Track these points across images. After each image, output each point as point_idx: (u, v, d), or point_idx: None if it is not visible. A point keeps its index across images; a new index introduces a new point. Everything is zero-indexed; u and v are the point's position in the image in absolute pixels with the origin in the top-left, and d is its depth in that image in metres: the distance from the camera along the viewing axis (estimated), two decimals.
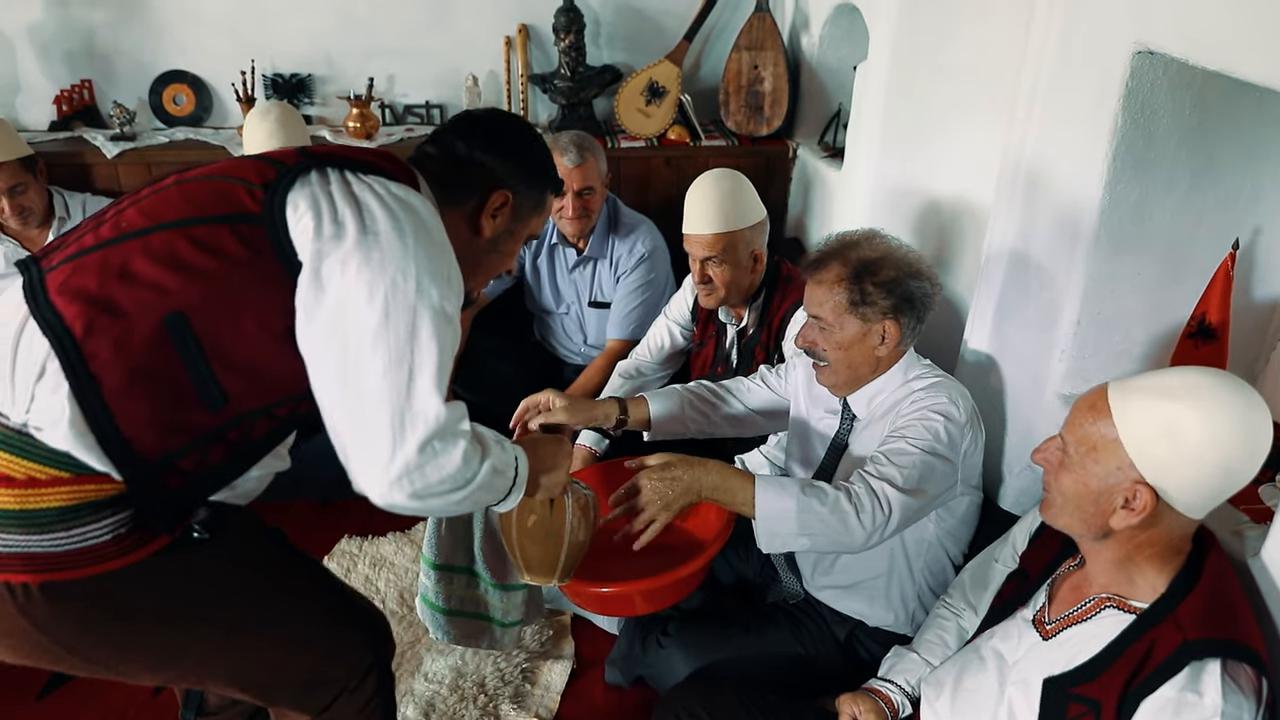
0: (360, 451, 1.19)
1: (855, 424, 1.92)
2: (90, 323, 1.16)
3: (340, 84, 3.46)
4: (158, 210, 1.25)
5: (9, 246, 2.83)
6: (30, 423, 1.16)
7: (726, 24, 3.45)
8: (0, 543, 1.16)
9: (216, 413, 1.22)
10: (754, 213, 2.33)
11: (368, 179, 1.29)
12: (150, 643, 1.31)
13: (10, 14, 3.25)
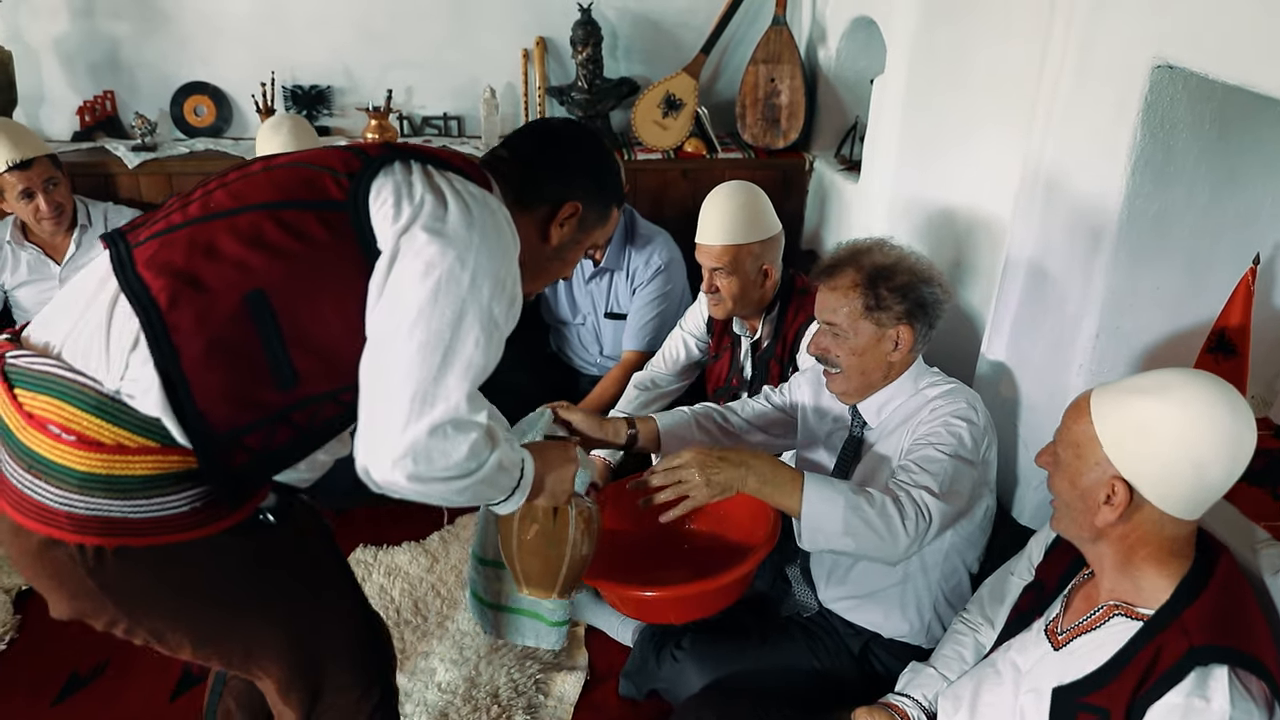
0: (374, 422, 1.22)
1: (866, 431, 1.92)
2: (175, 295, 1.21)
3: (359, 96, 3.48)
4: (246, 193, 1.30)
5: (33, 254, 2.86)
6: (123, 390, 1.20)
7: (743, 37, 3.45)
8: (82, 505, 1.19)
9: (286, 392, 1.25)
10: (765, 228, 2.33)
11: (448, 174, 1.33)
12: (201, 617, 1.35)
13: (37, 26, 3.29)
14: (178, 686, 2.23)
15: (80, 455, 1.18)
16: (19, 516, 1.23)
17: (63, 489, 1.19)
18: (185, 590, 1.30)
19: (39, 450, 1.19)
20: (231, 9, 3.34)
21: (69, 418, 1.19)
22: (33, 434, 1.20)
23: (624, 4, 3.41)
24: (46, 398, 1.20)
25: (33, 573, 1.28)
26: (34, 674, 2.27)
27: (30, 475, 1.20)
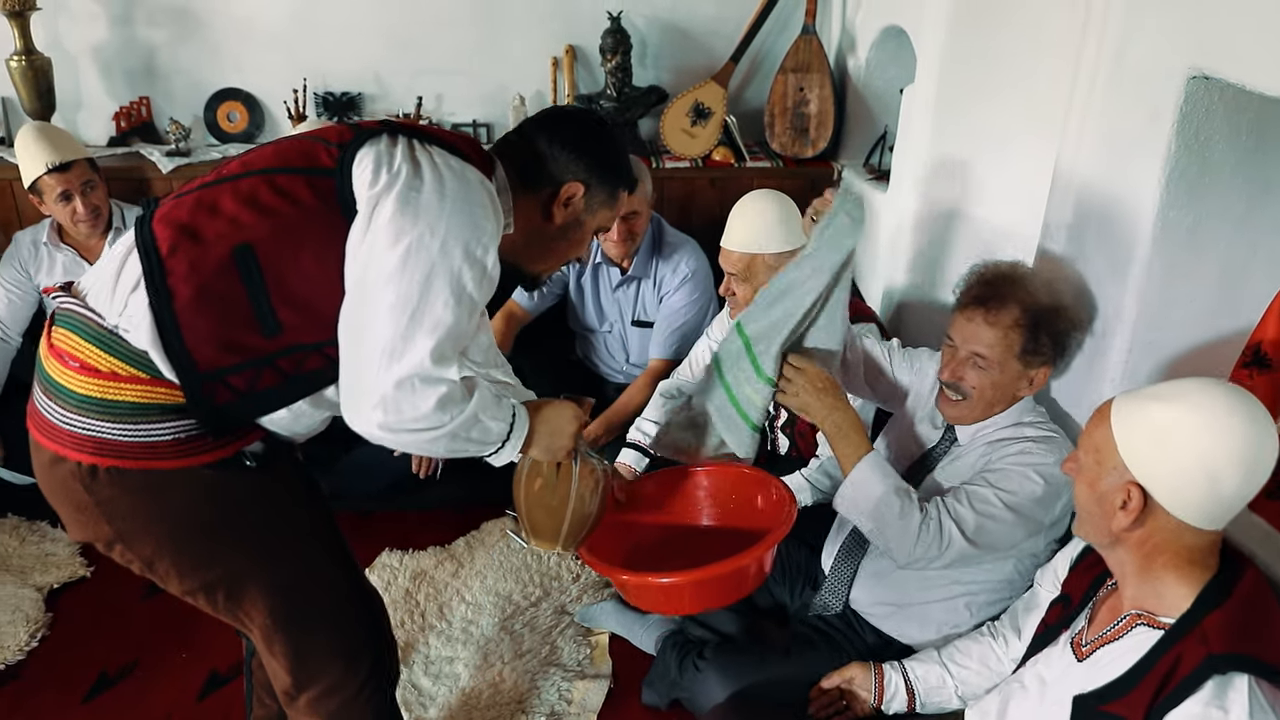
0: (350, 375, 1.35)
1: (954, 447, 1.93)
2: (174, 245, 1.35)
3: (389, 102, 3.51)
4: (252, 161, 1.44)
5: (68, 256, 2.90)
6: (120, 325, 1.34)
7: (773, 46, 3.46)
8: (80, 424, 1.34)
9: (270, 339, 1.36)
10: (786, 241, 2.30)
11: (431, 148, 1.41)
12: (184, 547, 1.45)
13: (76, 34, 3.34)
14: (205, 687, 2.25)
15: (80, 380, 1.34)
16: (39, 436, 1.40)
17: (65, 408, 1.35)
18: (169, 517, 1.42)
19: (53, 375, 1.37)
20: (265, 17, 3.38)
21: (75, 346, 1.35)
22: (53, 362, 1.37)
23: (653, 12, 3.43)
24: (65, 331, 1.37)
25: (48, 489, 1.44)
26: (65, 671, 2.30)
27: (46, 398, 1.38)
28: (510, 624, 2.43)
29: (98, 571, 2.63)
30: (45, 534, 2.76)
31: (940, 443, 1.96)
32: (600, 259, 2.90)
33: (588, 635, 2.40)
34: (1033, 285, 1.80)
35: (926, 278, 2.71)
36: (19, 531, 2.75)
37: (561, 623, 2.43)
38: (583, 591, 2.53)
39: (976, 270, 1.89)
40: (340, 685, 1.59)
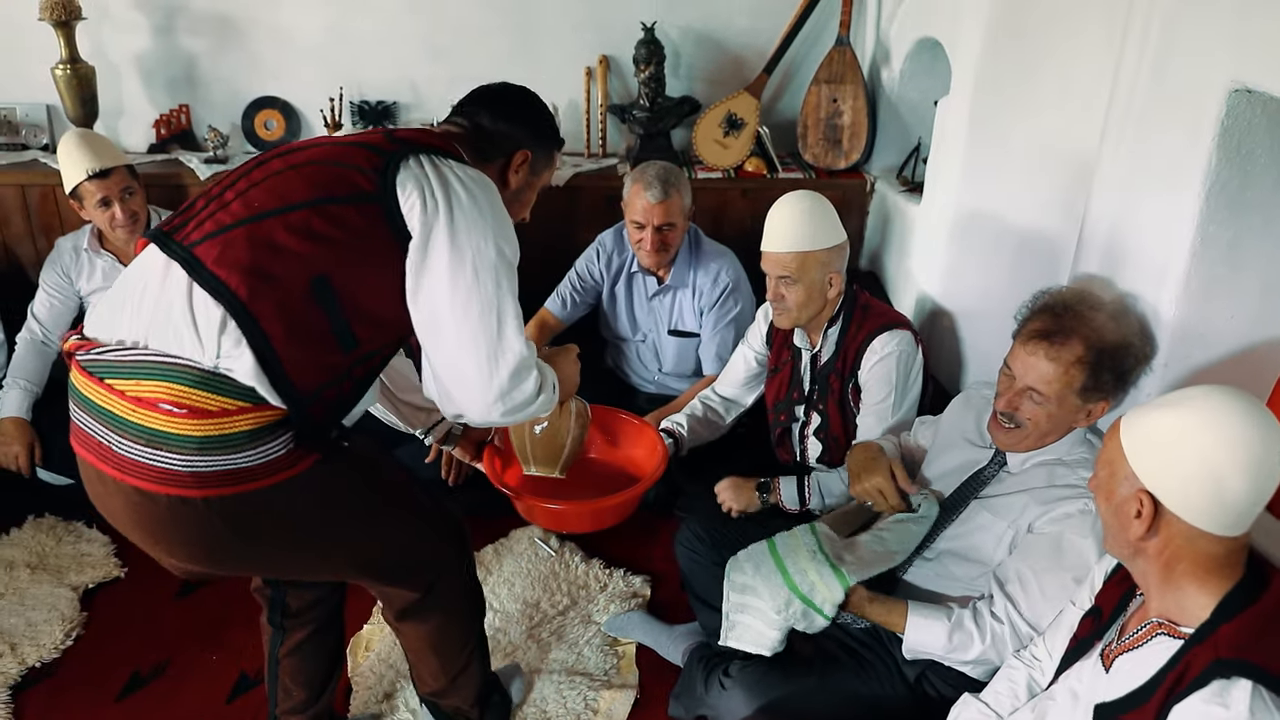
0: (462, 382, 1.53)
1: (1003, 471, 1.92)
2: (252, 289, 1.42)
3: (424, 111, 3.54)
4: (287, 192, 1.51)
5: (107, 261, 2.94)
6: (221, 366, 1.42)
7: (806, 57, 3.45)
8: (204, 464, 1.41)
9: (349, 354, 1.52)
10: (832, 235, 2.31)
11: (445, 163, 1.56)
12: (311, 536, 1.60)
13: (119, 43, 3.40)
14: (234, 689, 2.27)
15: (192, 424, 1.39)
16: (146, 484, 1.43)
17: (184, 454, 1.40)
18: (294, 518, 1.54)
19: (156, 426, 1.40)
20: (303, 27, 3.42)
21: (179, 394, 1.39)
22: (145, 414, 1.40)
23: (687, 23, 3.43)
24: (152, 382, 1.41)
25: (158, 532, 1.50)
26: (98, 670, 2.33)
27: (150, 448, 1.40)
28: (537, 632, 2.43)
29: (131, 572, 2.66)
30: (81, 534, 2.80)
31: (989, 465, 1.94)
32: (636, 268, 2.91)
33: (614, 645, 2.40)
34: (1099, 320, 1.76)
35: (959, 289, 2.69)
36: (55, 531, 2.80)
37: (588, 632, 2.43)
38: (610, 601, 2.53)
39: (1041, 300, 1.85)
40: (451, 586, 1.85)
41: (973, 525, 1.91)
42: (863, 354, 2.34)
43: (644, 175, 2.69)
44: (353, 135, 1.65)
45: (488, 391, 1.51)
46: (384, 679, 2.29)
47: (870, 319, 2.36)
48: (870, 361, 2.33)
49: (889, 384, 2.31)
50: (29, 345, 2.91)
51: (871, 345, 2.32)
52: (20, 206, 3.28)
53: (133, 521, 1.51)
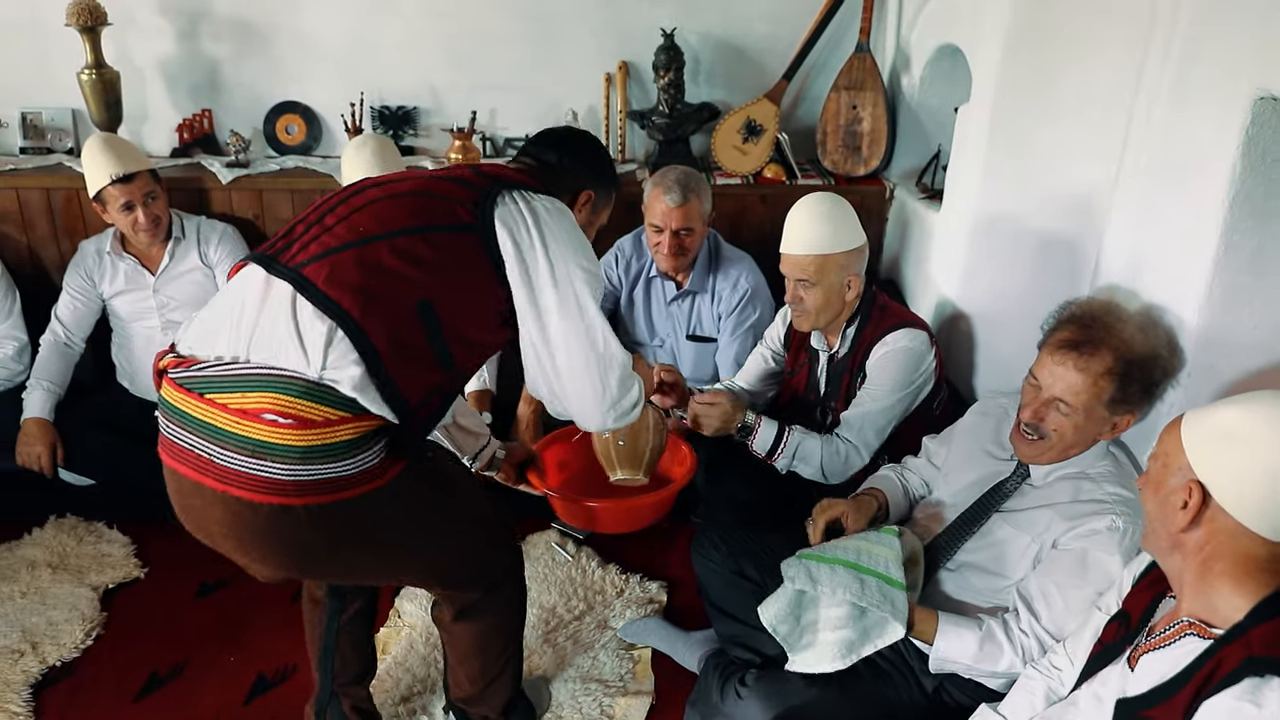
0: (578, 396, 1.69)
1: (1025, 484, 1.90)
2: (364, 308, 1.52)
3: (444, 117, 3.55)
4: (391, 218, 1.62)
5: (130, 264, 2.97)
6: (326, 377, 1.49)
7: (826, 63, 3.44)
8: (306, 473, 1.48)
9: (447, 374, 1.63)
10: (851, 238, 2.31)
11: (532, 197, 1.69)
12: (400, 540, 1.68)
13: (144, 48, 3.43)
14: (252, 690, 2.29)
15: (297, 434, 1.46)
16: (248, 493, 1.49)
17: (288, 463, 1.47)
18: (387, 523, 1.62)
19: (260, 437, 1.46)
20: (325, 32, 3.44)
21: (284, 404, 1.47)
22: (249, 425, 1.47)
23: (707, 29, 3.43)
24: (256, 394, 1.48)
25: (253, 541, 1.56)
26: (117, 670, 2.35)
27: (254, 459, 1.47)
28: (553, 637, 2.43)
29: (151, 573, 2.68)
30: (101, 534, 2.82)
31: (1011, 478, 1.93)
32: (655, 272, 2.91)
33: (630, 651, 2.40)
34: (1128, 332, 1.75)
35: (978, 296, 2.68)
36: (76, 531, 2.82)
37: (604, 637, 2.43)
38: (626, 607, 2.53)
39: (1069, 310, 1.84)
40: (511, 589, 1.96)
41: (994, 538, 1.90)
42: (872, 349, 2.34)
43: (664, 179, 2.70)
44: (442, 171, 1.77)
45: (601, 402, 1.67)
46: (400, 682, 2.30)
47: (887, 318, 2.36)
48: (877, 354, 2.33)
49: (886, 374, 2.31)
50: (52, 347, 2.94)
51: (883, 339, 2.32)
52: (45, 209, 3.31)
53: (228, 530, 1.56)
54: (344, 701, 2.06)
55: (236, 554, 1.62)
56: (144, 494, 2.69)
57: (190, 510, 1.60)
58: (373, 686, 2.14)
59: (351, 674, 2.06)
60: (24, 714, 2.19)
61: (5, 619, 2.47)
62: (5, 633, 2.42)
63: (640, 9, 3.38)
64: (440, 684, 2.28)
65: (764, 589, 2.15)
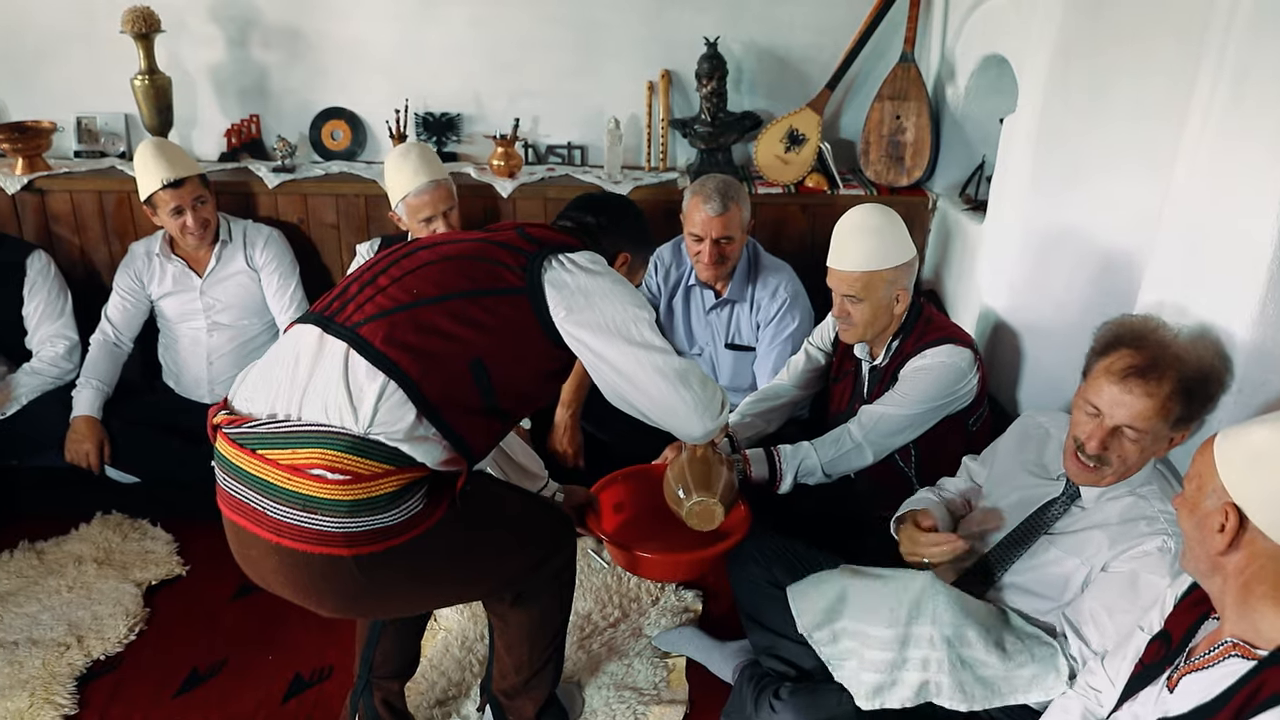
0: (673, 413, 1.78)
1: (1075, 507, 1.87)
2: (422, 368, 1.61)
3: (487, 123, 3.58)
4: (444, 281, 1.71)
5: (178, 266, 3.02)
6: (372, 433, 1.56)
7: (869, 73, 3.43)
8: (354, 525, 1.54)
9: (504, 424, 1.78)
10: (900, 253, 2.29)
11: (577, 257, 1.79)
12: (452, 575, 1.77)
13: (194, 55, 3.50)
14: (289, 689, 2.31)
15: (345, 489, 1.52)
16: (300, 545, 1.56)
17: (336, 516, 1.53)
18: (437, 563, 1.70)
19: (309, 492, 1.53)
20: (372, 40, 3.49)
21: (332, 459, 1.53)
22: (299, 481, 1.53)
23: (750, 38, 3.43)
24: (306, 450, 1.55)
25: (310, 588, 1.63)
26: (159, 665, 2.38)
27: (305, 513, 1.54)
28: (588, 643, 2.43)
29: (193, 571, 2.72)
30: (146, 531, 2.87)
31: (1060, 499, 1.89)
32: (694, 281, 2.91)
33: (665, 659, 2.39)
34: (1180, 348, 1.72)
35: (1022, 308, 2.64)
36: (122, 528, 2.87)
37: (639, 645, 2.43)
38: (661, 615, 2.52)
39: (1112, 332, 1.80)
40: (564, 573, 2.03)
41: (1041, 560, 1.87)
42: (909, 360, 2.33)
43: (703, 188, 2.70)
44: (488, 234, 1.86)
45: (692, 408, 1.77)
46: (435, 685, 2.31)
47: (930, 332, 2.34)
48: (912, 365, 2.31)
49: (918, 385, 2.28)
50: (101, 346, 3.00)
51: (922, 353, 2.30)
52: (97, 212, 3.38)
53: (285, 580, 1.64)
54: (376, 694, 2.08)
55: (296, 599, 1.69)
56: (187, 492, 2.77)
57: (248, 559, 1.68)
58: (407, 687, 2.16)
59: (390, 668, 2.09)
60: (69, 706, 2.23)
61: (52, 612, 2.52)
62: (52, 625, 2.47)
63: (684, 18, 3.39)
64: (474, 688, 2.29)
65: None
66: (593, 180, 3.38)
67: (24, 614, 2.51)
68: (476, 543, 1.77)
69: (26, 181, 3.31)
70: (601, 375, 1.78)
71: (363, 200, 3.38)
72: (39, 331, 3.02)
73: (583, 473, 2.70)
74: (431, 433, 1.62)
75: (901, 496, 2.36)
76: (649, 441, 2.36)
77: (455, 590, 1.88)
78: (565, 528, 2.02)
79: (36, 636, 2.43)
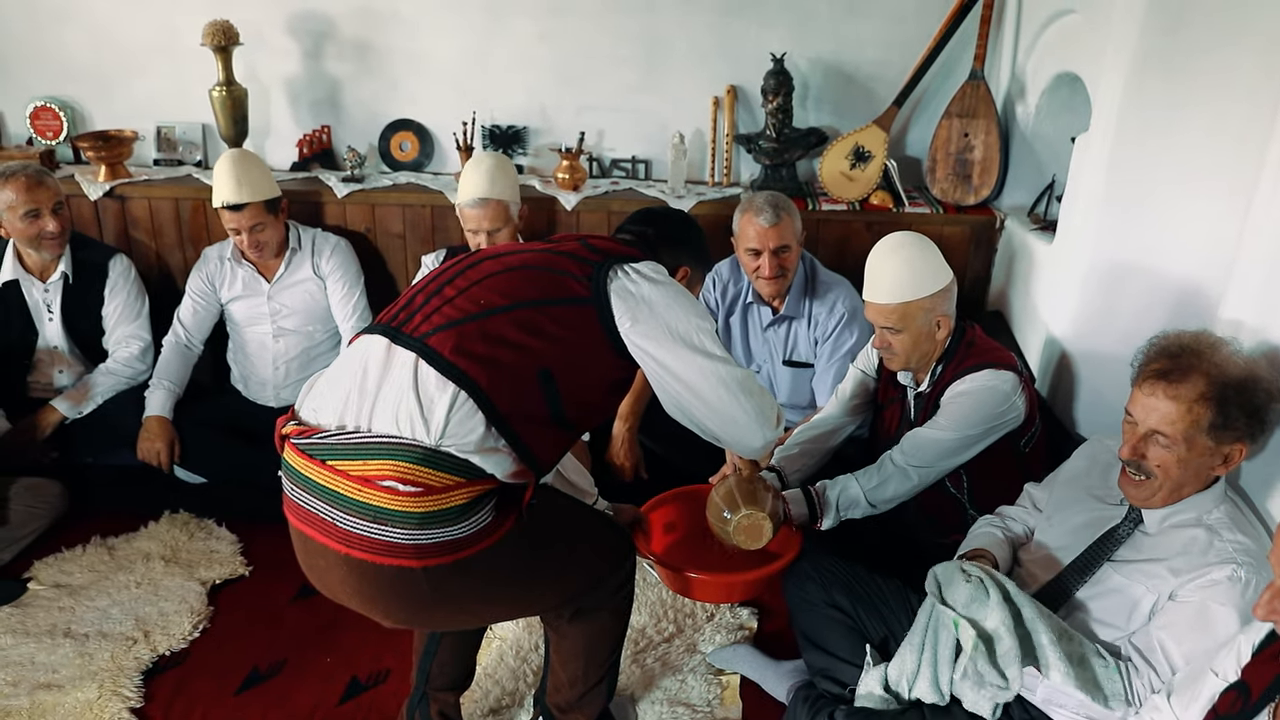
0: (733, 424, 1.76)
1: (1138, 532, 1.83)
2: (492, 378, 1.61)
3: (553, 136, 3.61)
4: (511, 291, 1.71)
5: (248, 271, 3.10)
6: (444, 444, 1.56)
7: (938, 90, 3.39)
8: (425, 537, 1.54)
9: (567, 433, 1.76)
10: (935, 280, 2.25)
11: (641, 268, 1.78)
12: (518, 588, 1.77)
13: (270, 67, 3.59)
14: (346, 692, 2.34)
15: (416, 501, 1.52)
16: (370, 556, 1.56)
17: (407, 528, 1.53)
18: (504, 576, 1.70)
19: (379, 503, 1.53)
20: (441, 53, 3.55)
21: (404, 471, 1.53)
22: (370, 492, 1.53)
23: (817, 55, 3.42)
24: (377, 461, 1.54)
25: (377, 599, 1.64)
26: (221, 662, 2.43)
27: (376, 524, 1.54)
28: (642, 657, 2.43)
29: (255, 571, 2.77)
30: (211, 531, 2.93)
31: (1122, 524, 1.85)
32: (751, 298, 2.90)
33: (719, 676, 2.38)
34: (1220, 355, 1.68)
35: (1092, 332, 2.59)
36: (188, 527, 2.94)
37: (693, 661, 2.41)
38: (716, 631, 2.51)
39: (1156, 342, 1.79)
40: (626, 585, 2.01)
41: (1105, 588, 1.82)
42: (953, 383, 2.28)
43: (753, 203, 2.70)
44: (552, 245, 1.87)
45: (753, 417, 1.76)
46: (489, 694, 2.32)
47: (972, 355, 2.29)
48: (953, 389, 2.27)
49: (959, 410, 2.24)
50: (173, 348, 3.09)
51: (963, 378, 2.26)
52: (173, 218, 3.48)
53: (352, 590, 1.64)
54: (432, 705, 2.10)
55: (362, 609, 1.69)
56: (251, 494, 2.82)
57: (315, 569, 1.69)
58: (462, 697, 2.17)
59: (446, 680, 2.10)
60: (135, 699, 2.29)
61: (121, 607, 2.59)
62: (121, 620, 2.53)
63: (750, 33, 3.39)
64: (528, 698, 2.29)
65: (856, 621, 2.11)
66: (656, 194, 3.39)
67: (95, 607, 2.58)
68: (542, 556, 1.76)
69: (108, 188, 3.43)
70: (663, 385, 1.77)
71: (429, 211, 3.43)
72: (116, 332, 3.11)
73: (644, 485, 2.70)
74: (501, 444, 1.61)
75: (954, 521, 2.33)
76: (706, 456, 2.34)
77: (519, 603, 1.88)
78: (626, 543, 2.02)
79: (106, 630, 2.50)
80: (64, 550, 2.81)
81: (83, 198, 3.42)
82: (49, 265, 3.04)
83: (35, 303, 3.05)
